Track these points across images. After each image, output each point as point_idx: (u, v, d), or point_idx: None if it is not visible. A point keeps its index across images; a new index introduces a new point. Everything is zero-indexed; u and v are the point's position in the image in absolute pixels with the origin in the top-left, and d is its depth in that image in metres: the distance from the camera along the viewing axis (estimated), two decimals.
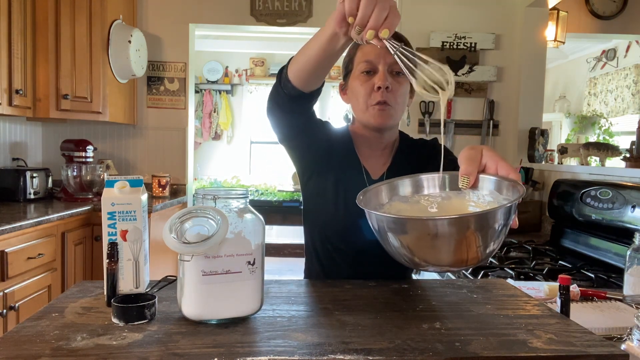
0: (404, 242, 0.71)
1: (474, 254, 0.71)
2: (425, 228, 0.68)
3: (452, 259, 0.71)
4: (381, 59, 1.11)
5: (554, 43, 3.48)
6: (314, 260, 1.27)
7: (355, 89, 1.15)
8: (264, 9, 3.36)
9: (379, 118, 1.13)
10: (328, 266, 1.24)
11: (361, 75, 1.13)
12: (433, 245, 0.67)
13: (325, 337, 0.74)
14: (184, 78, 3.43)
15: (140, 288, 0.90)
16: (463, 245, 0.68)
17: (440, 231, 0.67)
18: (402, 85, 1.13)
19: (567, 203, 2.14)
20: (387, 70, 1.11)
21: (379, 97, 1.11)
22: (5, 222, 1.99)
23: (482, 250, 0.71)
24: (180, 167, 3.46)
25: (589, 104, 5.30)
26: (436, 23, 3.10)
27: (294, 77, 0.97)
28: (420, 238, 0.68)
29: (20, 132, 3.13)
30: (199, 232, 0.77)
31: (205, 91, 6.39)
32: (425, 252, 0.71)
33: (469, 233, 0.66)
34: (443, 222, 0.67)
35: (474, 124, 3.14)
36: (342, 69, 1.25)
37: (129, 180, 0.89)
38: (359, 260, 1.20)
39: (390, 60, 1.10)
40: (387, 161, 1.24)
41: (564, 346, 0.73)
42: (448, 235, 0.67)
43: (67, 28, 2.76)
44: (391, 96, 1.11)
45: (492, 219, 0.67)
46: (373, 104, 1.12)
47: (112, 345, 0.70)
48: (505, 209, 0.67)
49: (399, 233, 0.72)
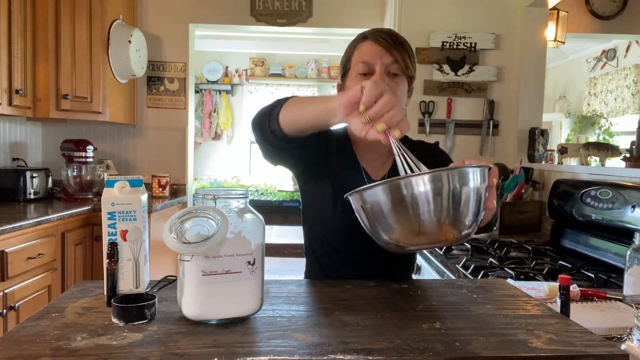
0: (383, 218, 0.72)
1: (451, 226, 0.73)
2: (398, 189, 0.69)
3: (431, 230, 0.72)
4: (378, 60, 1.10)
5: (554, 43, 3.48)
6: (313, 261, 1.27)
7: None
8: (264, 9, 3.36)
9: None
10: (328, 267, 1.24)
11: (358, 77, 1.12)
12: (410, 212, 0.69)
13: (325, 337, 0.74)
14: (184, 78, 3.43)
15: (140, 288, 0.90)
16: (439, 210, 0.70)
17: (414, 191, 0.69)
18: (400, 86, 1.13)
19: (567, 203, 2.14)
20: (384, 71, 1.10)
21: None
22: (5, 222, 1.99)
23: (458, 220, 0.73)
24: (180, 167, 3.46)
25: (589, 104, 5.30)
26: (436, 23, 3.10)
27: (284, 123, 0.96)
28: (397, 205, 0.69)
29: (20, 132, 3.13)
30: (199, 232, 0.77)
31: (205, 91, 6.39)
32: (405, 225, 0.72)
33: (442, 194, 0.68)
34: (417, 180, 0.68)
35: (474, 124, 3.14)
36: (340, 69, 1.24)
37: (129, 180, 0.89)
38: (359, 261, 1.20)
39: (387, 61, 1.10)
40: (387, 161, 1.24)
41: (564, 346, 0.73)
42: (422, 194, 0.68)
43: (67, 28, 2.76)
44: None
45: (459, 178, 0.69)
46: None
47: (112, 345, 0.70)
48: (474, 170, 0.70)
49: (377, 207, 0.73)
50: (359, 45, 1.14)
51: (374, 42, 1.11)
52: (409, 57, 1.14)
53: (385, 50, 1.10)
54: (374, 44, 1.11)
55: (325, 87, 6.48)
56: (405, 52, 1.12)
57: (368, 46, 1.12)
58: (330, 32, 3.73)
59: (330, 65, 6.26)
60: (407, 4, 3.07)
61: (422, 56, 3.09)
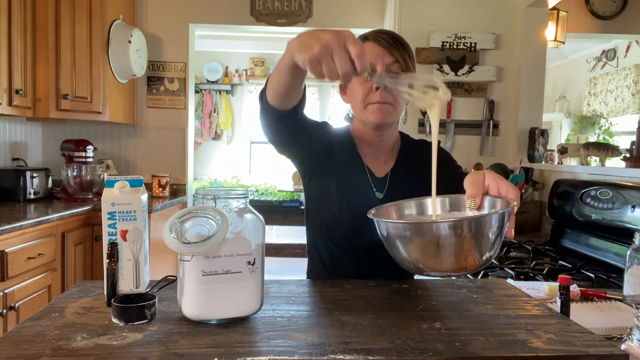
0: (409, 248, 0.77)
1: (471, 259, 0.77)
2: (427, 231, 0.74)
3: (452, 263, 0.76)
4: (379, 60, 1.13)
5: (554, 43, 3.48)
6: (316, 260, 1.27)
7: (355, 89, 1.17)
8: (264, 9, 3.36)
9: (378, 114, 1.14)
10: (331, 266, 1.24)
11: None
12: (434, 249, 0.73)
13: (325, 337, 0.74)
14: (184, 78, 3.43)
15: (140, 288, 0.90)
16: (461, 249, 0.74)
17: (440, 234, 0.73)
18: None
19: (567, 203, 2.14)
20: (386, 70, 1.13)
21: (378, 97, 1.13)
22: (5, 222, 1.99)
23: (478, 255, 0.77)
24: (180, 167, 3.46)
25: (589, 104, 5.30)
26: (436, 23, 3.10)
27: (272, 100, 1.01)
28: (423, 242, 0.74)
29: (20, 132, 3.13)
30: (199, 232, 0.77)
31: (205, 91, 6.39)
32: (428, 257, 0.75)
33: (465, 237, 0.73)
34: (444, 225, 0.73)
35: (474, 124, 3.14)
36: None
37: (129, 180, 0.89)
38: (363, 260, 1.21)
39: (388, 61, 1.12)
40: (389, 159, 1.25)
41: (564, 346, 0.73)
42: (447, 238, 0.73)
43: (67, 28, 2.76)
44: (389, 95, 1.13)
45: (484, 224, 0.74)
46: (372, 102, 1.14)
47: (112, 345, 0.70)
48: (497, 216, 0.74)
49: (405, 239, 0.77)
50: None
51: (375, 42, 1.14)
52: (409, 57, 1.16)
53: (386, 50, 1.12)
54: (375, 45, 1.13)
55: (325, 87, 6.48)
56: (406, 52, 1.15)
57: (369, 47, 1.14)
58: None
59: None
60: (407, 4, 3.07)
61: (422, 56, 3.09)
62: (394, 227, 0.81)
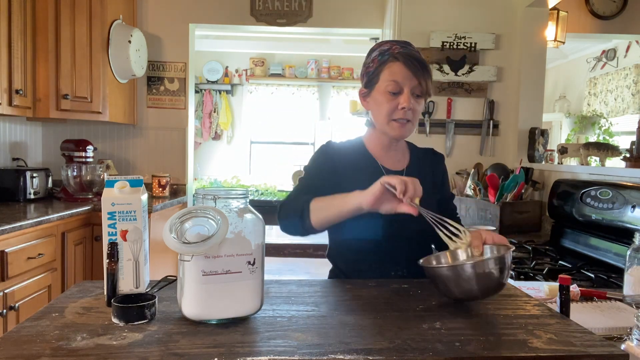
0: (451, 282, 0.94)
1: (494, 284, 0.95)
2: (462, 270, 0.93)
3: (480, 290, 0.93)
4: (407, 82, 1.24)
5: (554, 43, 3.47)
6: (338, 262, 1.35)
7: (381, 104, 1.27)
8: (264, 9, 3.36)
9: (399, 130, 1.27)
10: (352, 269, 1.31)
11: (387, 94, 1.25)
12: (466, 281, 0.92)
13: (325, 337, 0.74)
14: (184, 78, 3.43)
15: (140, 288, 0.90)
16: (485, 279, 0.92)
17: (472, 271, 0.92)
18: (420, 105, 1.28)
19: (567, 203, 2.14)
20: (411, 92, 1.24)
21: (402, 115, 1.25)
22: (5, 222, 1.99)
23: (501, 281, 0.95)
24: (180, 167, 3.46)
25: (589, 104, 5.30)
26: (436, 23, 3.10)
27: (318, 226, 1.17)
28: (460, 277, 0.93)
29: (20, 132, 3.13)
30: (199, 232, 0.77)
31: (205, 91, 6.39)
32: (463, 287, 0.93)
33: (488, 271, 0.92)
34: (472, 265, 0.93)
35: (474, 124, 3.14)
36: (365, 76, 1.33)
37: (129, 180, 0.89)
38: (385, 260, 1.27)
39: (414, 84, 1.24)
40: (402, 159, 1.37)
41: (564, 346, 0.73)
42: (477, 273, 0.92)
43: (67, 28, 2.76)
44: (411, 114, 1.26)
45: (500, 261, 0.94)
46: (394, 119, 1.26)
47: (112, 345, 0.70)
48: (502, 257, 0.95)
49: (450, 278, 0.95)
50: (389, 64, 1.26)
51: (405, 65, 1.24)
52: (430, 79, 1.28)
53: (413, 75, 1.24)
54: (404, 67, 1.24)
55: (325, 87, 6.48)
56: (429, 76, 1.27)
57: (399, 68, 1.24)
58: (330, 32, 3.73)
59: (330, 65, 6.26)
60: (407, 4, 3.06)
61: (422, 56, 3.09)
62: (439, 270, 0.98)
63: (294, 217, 1.18)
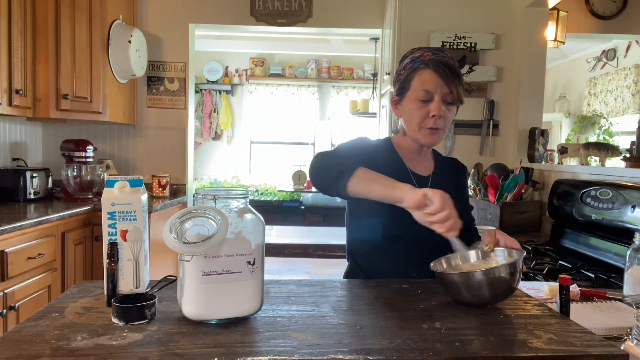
0: (464, 288, 0.94)
1: (505, 289, 0.95)
2: (472, 276, 0.93)
3: (491, 295, 0.94)
4: (438, 90, 1.23)
5: (554, 43, 3.47)
6: (358, 260, 1.34)
7: (412, 111, 1.27)
8: (264, 9, 3.36)
9: (430, 138, 1.26)
10: (374, 267, 1.30)
11: (418, 101, 1.25)
12: (478, 286, 0.92)
13: (325, 337, 0.74)
14: (184, 78, 3.43)
15: (140, 288, 0.90)
16: (496, 285, 0.93)
17: (483, 278, 0.92)
18: (452, 112, 1.27)
19: (567, 203, 2.14)
20: (442, 99, 1.23)
21: (433, 123, 1.24)
22: (5, 222, 1.99)
23: (511, 286, 0.96)
24: (180, 167, 3.46)
25: (589, 104, 5.30)
26: (436, 23, 3.10)
27: (351, 192, 1.12)
28: (471, 283, 0.93)
29: (20, 132, 3.13)
30: (199, 232, 0.77)
31: (205, 91, 6.38)
32: (475, 292, 0.93)
33: (499, 277, 0.93)
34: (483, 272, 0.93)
35: (474, 124, 3.14)
36: (396, 83, 1.33)
37: (129, 180, 0.89)
38: (404, 257, 1.27)
39: (445, 92, 1.23)
40: (428, 165, 1.37)
41: (564, 346, 0.73)
42: (488, 279, 0.92)
43: (67, 28, 2.76)
44: (442, 122, 1.25)
45: (511, 267, 0.94)
46: (426, 127, 1.25)
47: (112, 345, 0.70)
48: (516, 262, 0.96)
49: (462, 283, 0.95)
50: (420, 71, 1.25)
51: (435, 72, 1.23)
52: (462, 87, 1.26)
53: (444, 82, 1.22)
54: (435, 74, 1.23)
55: (325, 87, 6.48)
56: (460, 84, 1.25)
57: (430, 75, 1.23)
58: (330, 32, 3.73)
59: (330, 65, 6.26)
60: (407, 4, 3.06)
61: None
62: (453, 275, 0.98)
63: (333, 170, 1.13)
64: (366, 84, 6.20)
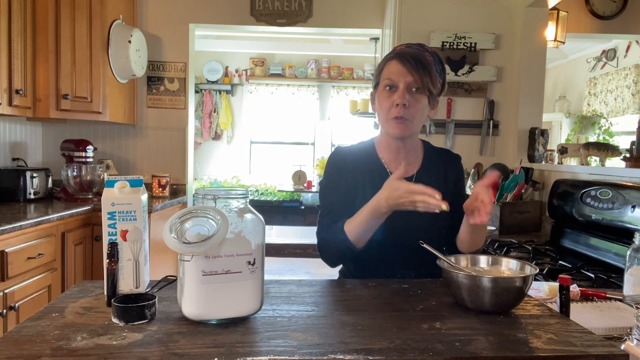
0: (466, 291, 0.93)
1: (511, 300, 0.92)
2: (476, 281, 0.91)
3: (493, 302, 0.91)
4: (401, 78, 1.23)
5: (554, 43, 3.47)
6: (349, 266, 1.36)
7: (380, 102, 1.28)
8: (264, 9, 3.36)
9: (397, 129, 1.26)
10: (361, 268, 1.32)
11: (384, 91, 1.27)
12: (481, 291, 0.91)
13: (325, 337, 0.74)
14: (184, 78, 3.43)
15: (140, 288, 0.90)
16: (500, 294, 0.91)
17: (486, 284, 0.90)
18: (419, 102, 1.25)
19: (567, 203, 2.14)
20: (406, 88, 1.23)
21: (397, 112, 1.24)
22: (5, 222, 1.99)
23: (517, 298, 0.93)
24: (180, 167, 3.46)
25: (589, 104, 5.30)
26: (436, 23, 3.10)
27: (362, 245, 1.19)
28: (473, 287, 0.92)
29: (20, 132, 3.13)
30: (199, 232, 0.77)
31: (205, 91, 6.38)
32: (476, 297, 0.91)
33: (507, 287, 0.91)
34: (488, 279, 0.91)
35: (474, 124, 3.14)
36: (373, 80, 1.36)
37: (129, 180, 0.89)
38: (390, 261, 1.27)
39: (409, 80, 1.23)
40: (413, 163, 1.35)
41: (564, 346, 0.73)
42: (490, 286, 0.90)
43: (67, 28, 2.76)
44: (408, 111, 1.24)
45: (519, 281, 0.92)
46: (392, 117, 1.25)
47: (112, 345, 0.70)
48: (533, 276, 0.94)
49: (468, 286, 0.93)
50: (388, 62, 1.28)
51: (399, 62, 1.25)
52: (430, 77, 1.24)
53: (408, 72, 1.23)
54: (399, 64, 1.25)
55: (325, 87, 6.48)
56: (427, 74, 1.24)
57: (395, 65, 1.25)
58: (330, 32, 3.73)
59: (330, 65, 6.26)
60: (407, 4, 3.06)
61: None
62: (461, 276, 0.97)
63: (342, 252, 1.21)
64: (366, 84, 6.20)
